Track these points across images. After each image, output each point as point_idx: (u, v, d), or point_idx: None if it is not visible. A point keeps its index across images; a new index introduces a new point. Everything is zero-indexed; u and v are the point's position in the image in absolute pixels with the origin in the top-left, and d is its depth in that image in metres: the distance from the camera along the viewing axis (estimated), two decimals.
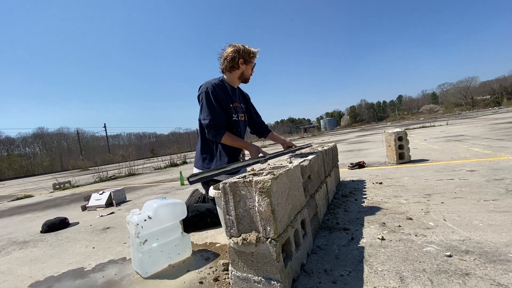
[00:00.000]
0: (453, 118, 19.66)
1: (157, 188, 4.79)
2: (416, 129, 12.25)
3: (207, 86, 1.99)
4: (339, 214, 1.88)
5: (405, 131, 3.77)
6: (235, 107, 2.13)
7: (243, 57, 2.06)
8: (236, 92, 2.20)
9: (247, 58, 2.07)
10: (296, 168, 1.29)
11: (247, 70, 2.12)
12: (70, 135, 61.68)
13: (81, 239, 2.26)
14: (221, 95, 1.99)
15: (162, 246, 1.46)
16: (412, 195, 2.11)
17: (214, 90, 1.96)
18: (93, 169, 16.73)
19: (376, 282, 1.03)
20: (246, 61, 2.08)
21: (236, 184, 1.03)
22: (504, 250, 1.14)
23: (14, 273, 1.70)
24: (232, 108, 2.10)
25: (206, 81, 2.08)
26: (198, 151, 2.12)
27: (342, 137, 14.53)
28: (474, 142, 4.93)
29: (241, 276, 1.06)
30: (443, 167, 3.04)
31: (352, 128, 44.66)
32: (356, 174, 3.37)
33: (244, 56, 2.06)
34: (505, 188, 1.98)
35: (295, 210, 1.21)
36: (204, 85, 2.04)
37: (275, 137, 2.44)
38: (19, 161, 47.14)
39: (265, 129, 2.45)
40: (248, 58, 2.08)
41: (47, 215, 3.60)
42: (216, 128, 1.91)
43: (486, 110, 39.88)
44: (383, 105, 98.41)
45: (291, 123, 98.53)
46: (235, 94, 2.16)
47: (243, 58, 2.06)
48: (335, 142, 4.35)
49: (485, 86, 71.04)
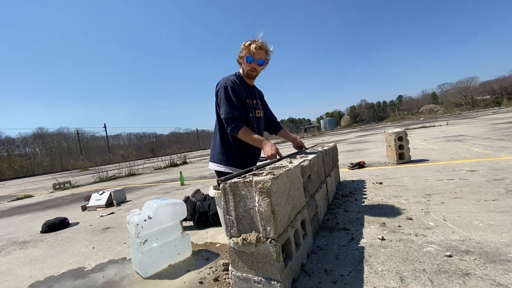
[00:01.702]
0: (453, 118, 19.66)
1: (157, 188, 4.79)
2: (416, 129, 12.25)
3: (226, 81, 1.95)
4: (339, 214, 1.88)
5: (405, 131, 3.78)
6: (252, 103, 2.09)
7: (242, 50, 2.00)
8: (253, 89, 2.17)
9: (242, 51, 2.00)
10: (296, 168, 1.29)
11: (243, 66, 2.04)
12: (70, 135, 61.75)
13: (81, 239, 2.26)
14: (240, 90, 1.97)
15: (162, 246, 1.46)
16: (412, 195, 2.11)
17: (233, 85, 1.94)
18: (93, 169, 16.73)
19: (376, 282, 1.03)
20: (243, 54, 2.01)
21: (236, 184, 1.03)
22: (504, 250, 1.14)
23: (14, 273, 1.70)
24: (250, 105, 2.06)
25: (224, 77, 2.05)
26: (217, 146, 2.10)
27: (342, 137, 14.53)
28: (474, 142, 4.93)
29: (241, 276, 1.06)
30: (443, 167, 3.04)
31: (352, 128, 44.69)
32: (356, 174, 3.37)
33: (242, 49, 2.00)
34: (505, 188, 1.98)
35: (295, 210, 1.21)
36: (222, 80, 2.01)
37: (286, 134, 2.41)
38: (19, 161, 47.16)
39: (276, 126, 2.43)
40: (243, 50, 2.00)
41: (47, 215, 3.60)
42: (235, 121, 1.88)
43: (486, 110, 39.89)
44: (383, 105, 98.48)
45: (291, 123, 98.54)
46: (251, 90, 2.13)
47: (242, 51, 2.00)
48: (335, 142, 4.35)
49: (485, 86, 71.06)
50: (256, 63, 1.97)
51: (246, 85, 2.07)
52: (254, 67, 1.99)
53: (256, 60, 1.96)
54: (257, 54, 1.94)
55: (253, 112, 2.09)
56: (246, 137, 1.87)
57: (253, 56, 1.94)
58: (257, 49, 1.91)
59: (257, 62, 1.97)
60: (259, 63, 1.99)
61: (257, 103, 2.19)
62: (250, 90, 2.09)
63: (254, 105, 2.12)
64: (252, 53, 1.93)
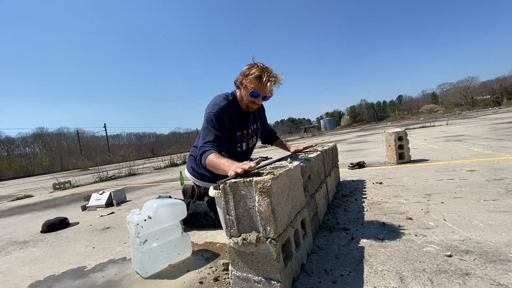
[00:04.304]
0: (453, 118, 19.66)
1: (157, 188, 4.79)
2: (416, 129, 12.25)
3: (214, 108, 1.65)
4: (339, 214, 1.88)
5: (405, 131, 3.77)
6: (242, 135, 1.79)
7: (242, 75, 1.61)
8: (248, 115, 1.80)
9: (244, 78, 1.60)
10: (296, 168, 1.29)
11: (243, 95, 1.67)
12: (70, 135, 61.75)
13: (81, 239, 2.26)
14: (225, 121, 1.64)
15: (162, 246, 1.46)
16: (412, 195, 2.11)
17: (219, 114, 1.61)
18: (93, 169, 16.73)
19: (376, 282, 1.03)
20: (242, 82, 1.62)
21: (236, 184, 1.03)
22: (504, 250, 1.14)
23: (14, 273, 1.70)
24: (238, 137, 1.76)
25: (214, 100, 1.72)
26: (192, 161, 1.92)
27: (342, 137, 14.53)
28: (474, 142, 4.93)
29: (241, 276, 1.06)
30: (443, 167, 3.04)
31: (352, 128, 44.68)
32: (356, 174, 3.37)
33: (243, 74, 1.61)
34: (505, 188, 1.98)
35: (295, 210, 1.21)
36: (211, 105, 1.69)
37: (283, 145, 2.11)
38: (19, 161, 47.15)
39: (272, 136, 2.15)
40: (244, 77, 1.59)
41: (47, 215, 3.60)
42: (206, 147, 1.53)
43: (486, 110, 39.89)
44: (383, 105, 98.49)
45: (291, 123, 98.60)
46: (245, 118, 1.78)
47: (241, 76, 1.62)
48: (335, 142, 4.35)
49: (485, 86, 71.04)
50: (261, 99, 1.63)
51: (240, 113, 1.75)
52: (257, 103, 1.65)
53: (262, 97, 1.61)
54: (266, 89, 1.56)
55: (242, 146, 1.81)
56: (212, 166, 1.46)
57: (262, 92, 1.57)
58: (270, 82, 1.52)
59: (262, 98, 1.62)
60: (264, 99, 1.65)
61: (252, 131, 1.87)
62: (244, 118, 1.78)
63: (248, 135, 1.82)
64: (262, 90, 1.55)
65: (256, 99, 1.61)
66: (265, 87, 1.53)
